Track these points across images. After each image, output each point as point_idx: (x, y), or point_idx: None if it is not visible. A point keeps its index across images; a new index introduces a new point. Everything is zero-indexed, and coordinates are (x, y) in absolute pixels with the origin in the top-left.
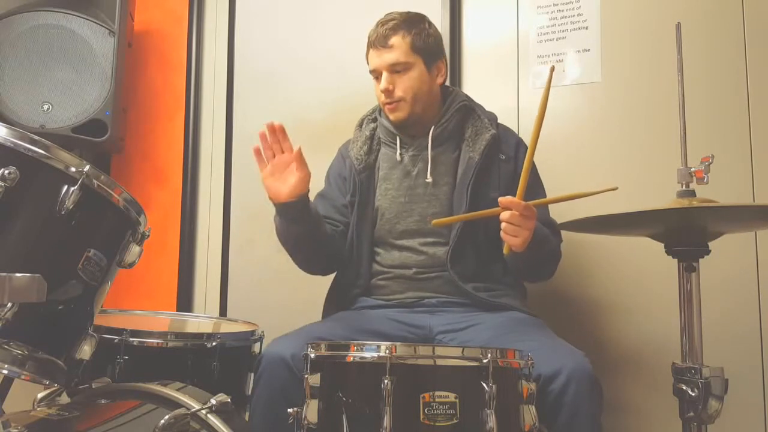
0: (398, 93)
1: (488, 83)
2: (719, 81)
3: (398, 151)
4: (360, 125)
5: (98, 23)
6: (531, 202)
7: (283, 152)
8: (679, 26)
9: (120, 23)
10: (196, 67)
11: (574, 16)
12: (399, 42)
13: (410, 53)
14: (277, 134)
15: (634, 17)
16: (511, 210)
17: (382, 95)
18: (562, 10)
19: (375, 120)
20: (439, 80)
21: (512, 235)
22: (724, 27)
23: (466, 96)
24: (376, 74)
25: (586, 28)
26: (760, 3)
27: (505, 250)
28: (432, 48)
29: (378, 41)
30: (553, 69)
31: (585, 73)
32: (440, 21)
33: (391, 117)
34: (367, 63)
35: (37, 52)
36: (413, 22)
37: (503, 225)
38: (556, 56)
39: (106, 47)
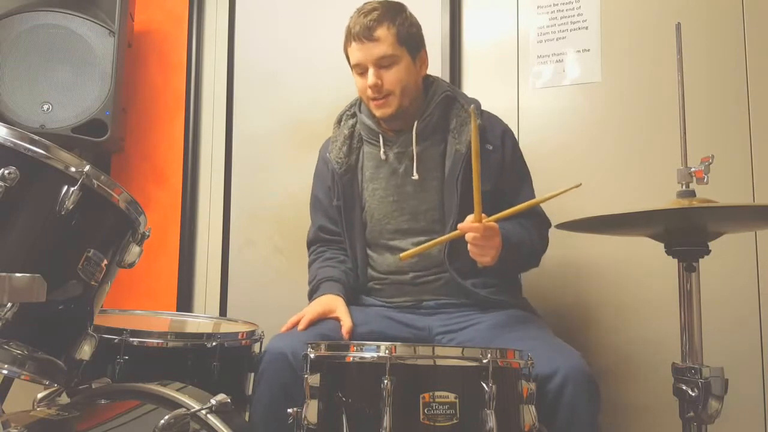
0: (387, 87)
1: (488, 83)
2: (719, 81)
3: (382, 150)
4: (339, 122)
5: (98, 23)
6: (491, 218)
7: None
8: (679, 26)
9: (120, 23)
10: (196, 67)
11: (574, 16)
12: (385, 34)
13: (396, 45)
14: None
15: (634, 17)
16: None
17: (369, 91)
18: (562, 10)
19: (354, 116)
20: (423, 71)
21: (480, 254)
22: (724, 27)
23: (449, 85)
24: (360, 69)
25: (586, 28)
26: (760, 3)
27: (478, 265)
28: (416, 38)
29: (362, 33)
30: (473, 109)
31: (585, 73)
32: (440, 21)
33: (378, 113)
34: (347, 56)
35: (37, 52)
36: (396, 12)
37: (469, 246)
38: (556, 56)
39: (106, 47)
